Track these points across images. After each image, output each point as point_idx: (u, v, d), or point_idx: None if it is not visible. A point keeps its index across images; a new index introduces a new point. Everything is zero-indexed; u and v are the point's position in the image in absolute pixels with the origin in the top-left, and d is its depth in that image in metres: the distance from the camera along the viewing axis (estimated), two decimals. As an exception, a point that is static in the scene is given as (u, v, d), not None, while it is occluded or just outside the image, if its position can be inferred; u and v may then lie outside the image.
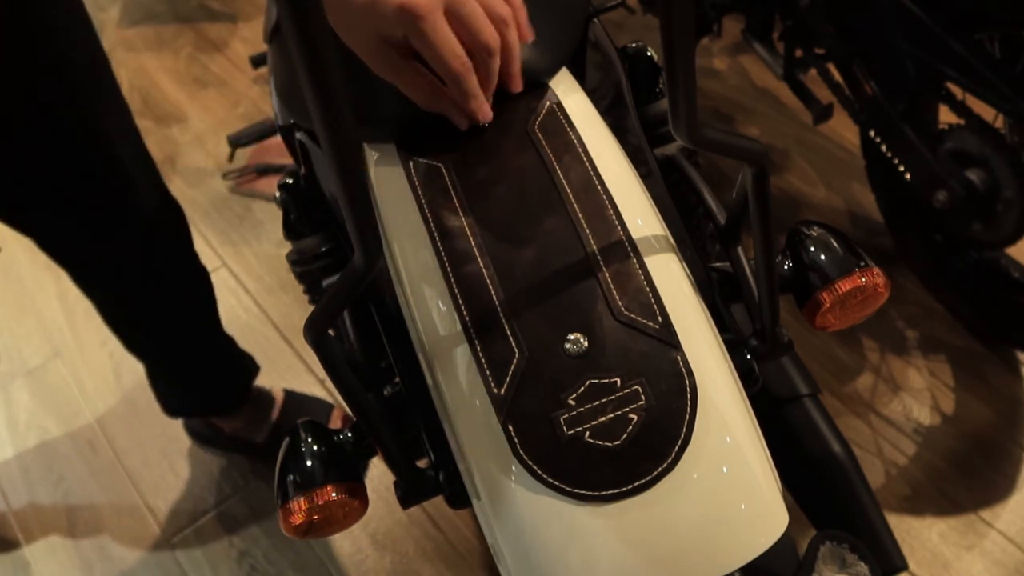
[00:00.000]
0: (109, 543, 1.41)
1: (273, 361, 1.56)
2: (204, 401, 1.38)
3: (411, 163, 0.64)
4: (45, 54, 0.89)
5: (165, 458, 1.49)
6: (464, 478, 0.58)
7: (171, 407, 1.38)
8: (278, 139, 1.69)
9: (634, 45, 0.86)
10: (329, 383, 1.46)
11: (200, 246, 1.27)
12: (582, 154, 0.62)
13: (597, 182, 0.60)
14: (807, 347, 1.45)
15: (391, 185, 0.65)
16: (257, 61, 1.47)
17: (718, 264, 0.72)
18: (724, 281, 0.69)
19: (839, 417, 1.37)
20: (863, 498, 0.77)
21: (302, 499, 0.60)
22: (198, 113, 2.08)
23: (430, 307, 0.59)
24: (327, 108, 0.39)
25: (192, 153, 1.98)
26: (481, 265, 0.58)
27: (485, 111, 0.62)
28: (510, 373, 0.54)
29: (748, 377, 0.62)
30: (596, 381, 0.53)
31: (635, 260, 0.57)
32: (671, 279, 0.58)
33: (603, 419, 0.52)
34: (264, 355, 1.43)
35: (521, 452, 0.52)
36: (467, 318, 0.56)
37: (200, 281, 1.25)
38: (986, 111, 1.21)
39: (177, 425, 1.49)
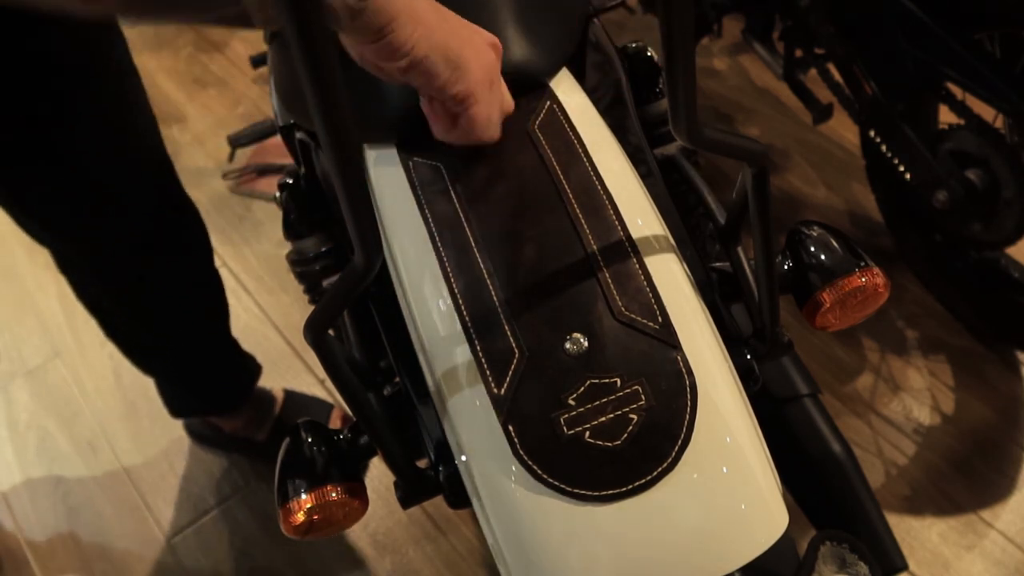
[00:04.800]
0: (109, 543, 1.41)
1: (273, 361, 1.55)
2: (209, 401, 1.38)
3: (411, 163, 0.64)
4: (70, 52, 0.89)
5: (165, 458, 1.49)
6: (464, 478, 0.58)
7: (176, 408, 1.39)
8: (278, 139, 1.69)
9: (634, 45, 0.86)
10: (329, 383, 1.46)
11: (200, 246, 1.27)
12: (582, 154, 0.62)
13: (597, 182, 0.60)
14: (807, 347, 1.45)
15: (391, 185, 0.65)
16: (257, 61, 1.47)
17: (718, 264, 0.72)
18: (724, 281, 0.69)
19: (839, 417, 1.37)
20: (863, 498, 0.77)
21: (302, 499, 0.60)
22: (198, 113, 2.08)
23: (430, 307, 0.59)
24: (327, 108, 0.39)
25: (192, 153, 1.98)
26: (481, 265, 0.58)
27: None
28: (510, 373, 0.54)
29: (748, 377, 0.62)
30: (596, 381, 0.53)
31: (635, 260, 0.57)
32: (671, 279, 0.58)
33: (603, 419, 0.52)
34: (264, 355, 1.43)
35: (521, 452, 0.52)
36: (467, 318, 0.56)
37: (215, 286, 1.25)
38: (986, 111, 1.21)
39: (177, 425, 1.49)
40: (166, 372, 1.31)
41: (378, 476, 1.37)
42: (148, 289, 1.14)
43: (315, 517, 0.61)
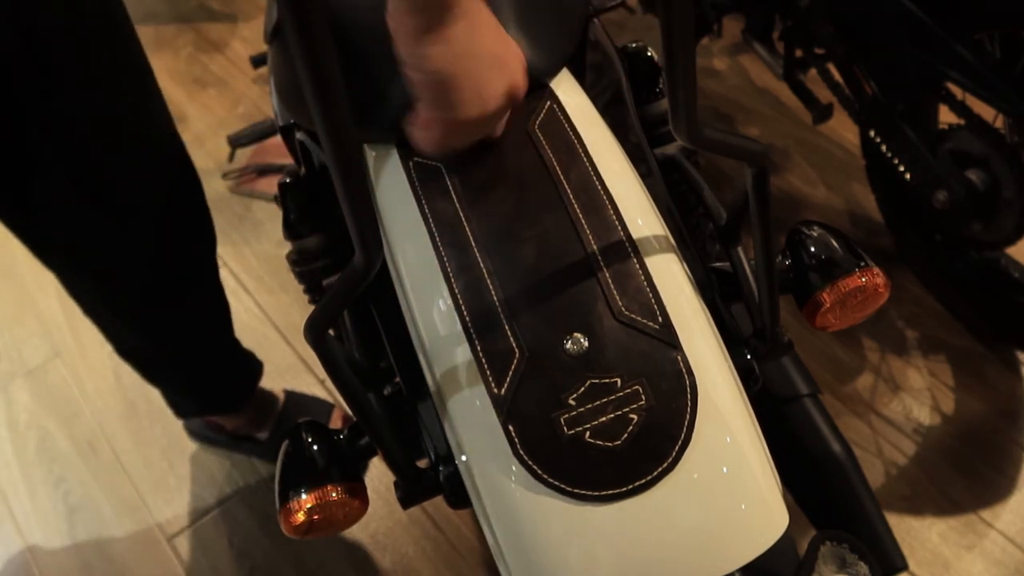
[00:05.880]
0: (109, 543, 1.41)
1: (273, 361, 1.55)
2: (214, 403, 1.38)
3: (411, 163, 0.64)
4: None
5: (165, 458, 1.49)
6: (464, 478, 0.58)
7: (182, 410, 1.39)
8: (278, 139, 1.69)
9: (634, 45, 0.86)
10: (329, 383, 1.46)
11: (200, 246, 1.27)
12: (582, 154, 0.62)
13: (597, 182, 0.60)
14: (807, 347, 1.45)
15: (391, 185, 0.65)
16: (257, 61, 1.47)
17: (718, 264, 0.72)
18: (724, 281, 0.69)
19: (839, 417, 1.37)
20: (863, 498, 0.77)
21: (302, 499, 0.60)
22: (198, 113, 2.08)
23: (430, 307, 0.59)
24: (327, 108, 0.39)
25: (192, 153, 1.96)
26: (481, 265, 0.58)
27: None
28: (510, 373, 0.54)
29: (748, 377, 0.62)
30: (596, 381, 0.53)
31: (635, 260, 0.57)
32: (671, 279, 0.58)
33: (603, 419, 0.52)
34: (264, 355, 1.43)
35: (521, 452, 0.52)
36: (467, 318, 0.56)
37: (220, 292, 1.25)
38: (986, 111, 1.21)
39: (177, 425, 1.49)
40: (174, 382, 1.31)
41: (378, 476, 1.37)
42: (159, 308, 1.14)
43: (315, 517, 0.61)
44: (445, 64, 0.54)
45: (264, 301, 1.69)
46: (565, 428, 0.52)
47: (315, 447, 0.63)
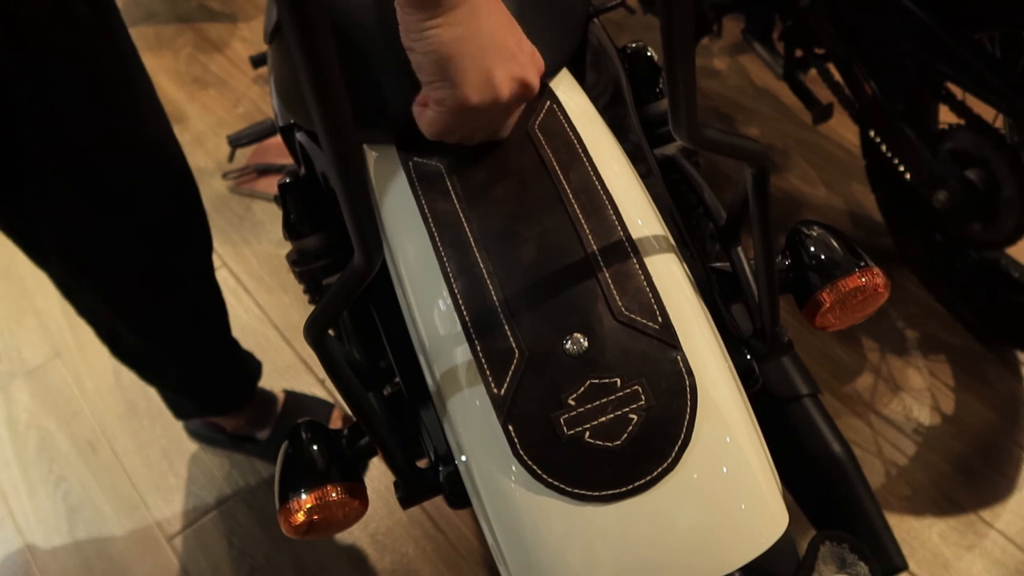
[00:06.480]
0: (109, 543, 1.41)
1: (273, 361, 1.55)
2: (213, 404, 1.38)
3: (411, 163, 0.64)
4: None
5: (165, 458, 1.49)
6: (464, 478, 0.58)
7: (181, 411, 1.39)
8: (278, 139, 1.69)
9: (634, 45, 0.86)
10: (329, 383, 1.46)
11: (200, 246, 1.26)
12: (582, 154, 0.62)
13: (597, 182, 0.60)
14: (807, 347, 1.45)
15: (391, 185, 0.65)
16: (257, 61, 1.47)
17: (718, 264, 0.72)
18: (724, 281, 0.69)
19: (839, 417, 1.37)
20: (863, 498, 0.77)
21: (302, 499, 0.61)
22: (198, 113, 2.08)
23: (430, 307, 0.59)
24: (327, 108, 0.39)
25: (192, 153, 1.98)
26: (481, 265, 0.58)
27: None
28: (510, 373, 0.54)
29: (748, 377, 0.62)
30: (596, 381, 0.53)
31: (635, 260, 0.57)
32: (671, 279, 0.58)
33: (603, 419, 0.53)
34: (264, 355, 1.43)
35: (521, 452, 0.53)
36: (467, 318, 0.56)
37: (216, 292, 1.25)
38: (986, 111, 1.21)
39: (177, 425, 1.49)
40: (171, 382, 1.31)
41: (378, 476, 1.37)
42: (154, 306, 1.13)
43: (315, 517, 0.61)
44: (441, 46, 0.55)
45: (264, 301, 1.69)
46: (565, 428, 0.52)
47: (315, 447, 0.64)
